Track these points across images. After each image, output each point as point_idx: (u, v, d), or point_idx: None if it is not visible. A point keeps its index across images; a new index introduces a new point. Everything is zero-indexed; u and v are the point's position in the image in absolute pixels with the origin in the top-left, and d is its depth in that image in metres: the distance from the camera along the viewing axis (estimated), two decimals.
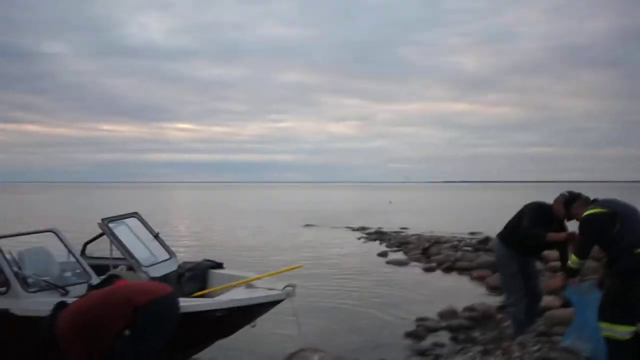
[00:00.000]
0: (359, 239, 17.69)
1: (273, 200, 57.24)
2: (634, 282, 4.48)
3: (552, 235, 5.36)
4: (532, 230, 5.45)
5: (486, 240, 14.44)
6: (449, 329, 6.54)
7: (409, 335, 6.37)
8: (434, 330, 6.55)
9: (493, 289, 9.11)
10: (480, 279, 9.90)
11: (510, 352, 5.46)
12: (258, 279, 5.28)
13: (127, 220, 6.05)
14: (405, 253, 13.82)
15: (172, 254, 6.17)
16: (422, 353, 5.73)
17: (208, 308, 4.50)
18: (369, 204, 47.57)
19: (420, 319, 6.97)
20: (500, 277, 6.19)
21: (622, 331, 4.38)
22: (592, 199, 5.11)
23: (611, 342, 4.42)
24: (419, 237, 17.11)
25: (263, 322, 5.32)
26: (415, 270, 11.53)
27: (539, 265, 8.07)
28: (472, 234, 18.15)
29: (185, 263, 6.03)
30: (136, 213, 6.16)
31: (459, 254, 12.36)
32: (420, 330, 6.49)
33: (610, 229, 4.55)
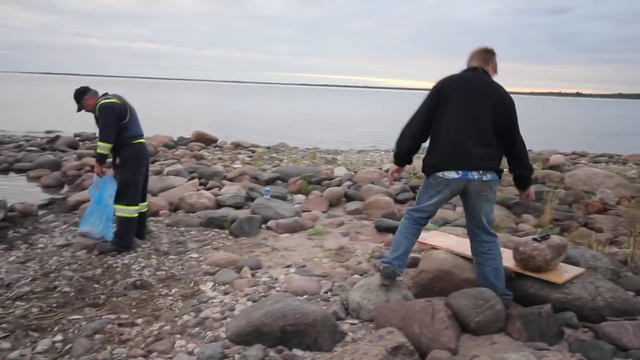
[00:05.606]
0: None
1: None
2: (136, 169, 5.50)
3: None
4: None
5: (56, 139, 14.22)
6: None
7: None
8: None
9: (47, 187, 9.28)
10: (37, 179, 9.82)
11: (36, 244, 5.90)
12: None
13: None
14: None
15: None
16: None
17: None
18: None
19: None
20: None
21: (131, 210, 5.43)
22: (102, 92, 5.63)
23: (124, 220, 5.40)
24: None
25: None
26: None
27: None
28: (48, 132, 17.48)
29: None
30: None
31: (21, 154, 11.75)
32: None
33: (123, 119, 5.33)
